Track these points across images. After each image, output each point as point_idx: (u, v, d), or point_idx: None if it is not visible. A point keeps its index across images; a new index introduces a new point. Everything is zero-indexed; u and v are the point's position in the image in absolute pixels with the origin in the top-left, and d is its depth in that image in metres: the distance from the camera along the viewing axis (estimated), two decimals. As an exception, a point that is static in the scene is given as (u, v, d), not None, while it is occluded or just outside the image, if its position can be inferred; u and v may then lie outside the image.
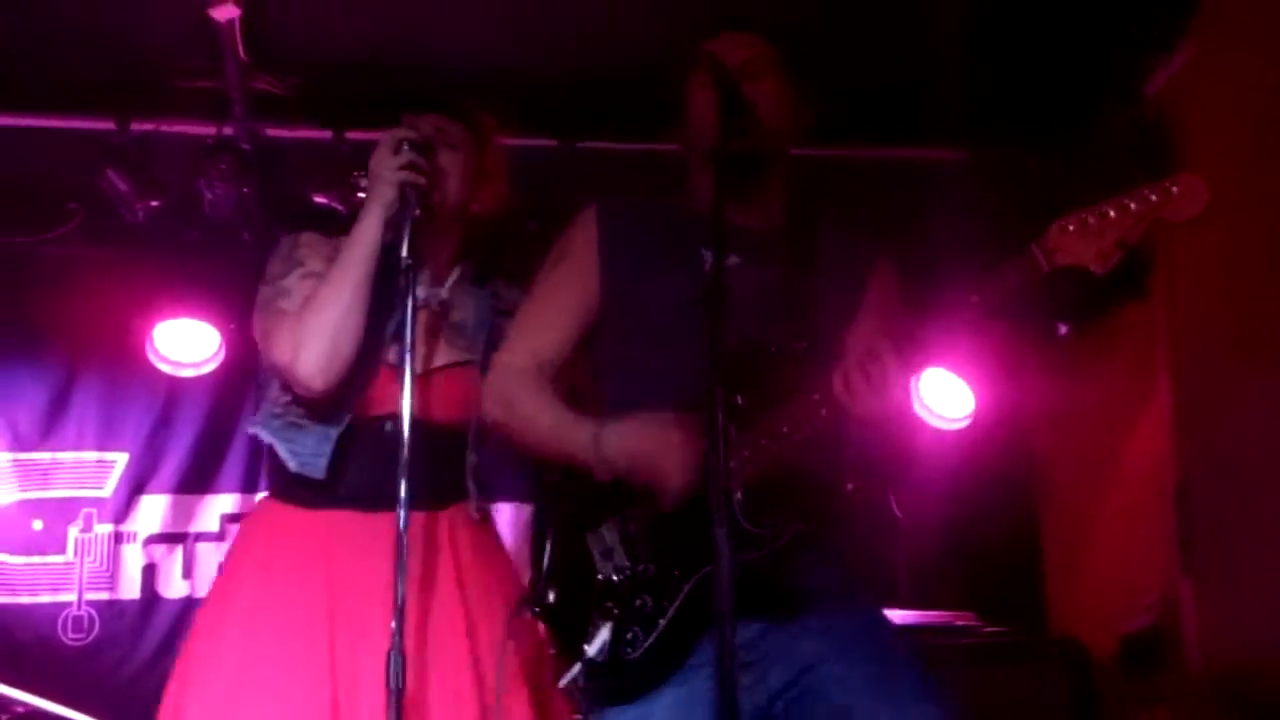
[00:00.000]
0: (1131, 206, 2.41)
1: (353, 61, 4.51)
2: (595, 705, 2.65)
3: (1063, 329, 5.17)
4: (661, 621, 2.58)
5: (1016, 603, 5.43)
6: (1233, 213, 3.52)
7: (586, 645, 2.57)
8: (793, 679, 2.63)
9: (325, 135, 4.73)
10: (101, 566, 5.50)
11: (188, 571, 5.54)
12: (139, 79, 4.62)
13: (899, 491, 5.15)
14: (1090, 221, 2.42)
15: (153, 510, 5.58)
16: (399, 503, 2.62)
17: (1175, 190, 2.39)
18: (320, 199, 4.82)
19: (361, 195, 3.00)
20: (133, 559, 5.53)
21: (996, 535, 5.63)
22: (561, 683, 2.61)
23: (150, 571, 5.53)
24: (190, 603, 5.38)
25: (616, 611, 2.59)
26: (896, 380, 2.48)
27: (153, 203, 4.88)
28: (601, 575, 2.63)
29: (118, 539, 5.54)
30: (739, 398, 2.56)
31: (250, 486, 5.55)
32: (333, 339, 2.84)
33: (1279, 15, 3.97)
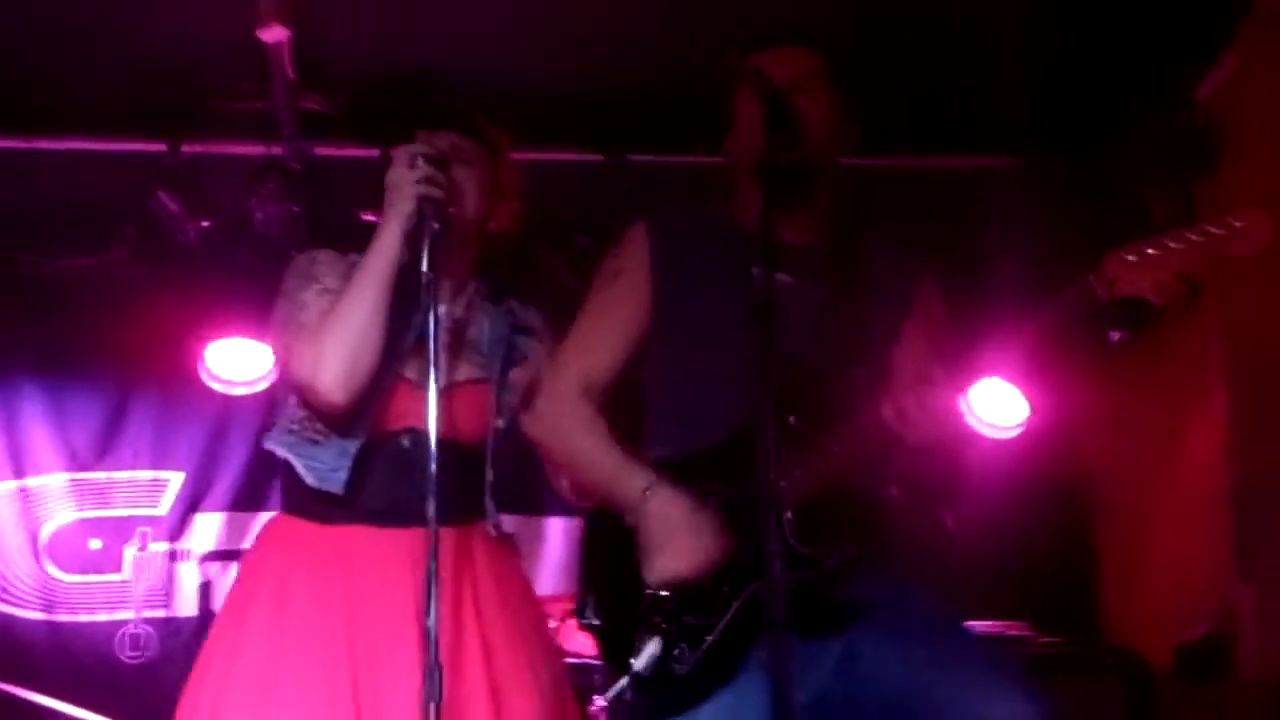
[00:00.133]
0: (1193, 239, 2.36)
1: (400, 80, 4.53)
2: (642, 719, 2.66)
3: (1115, 336, 5.12)
4: (709, 638, 2.59)
5: (1070, 612, 5.40)
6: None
7: (633, 659, 2.58)
8: (845, 668, 2.61)
9: (373, 153, 4.73)
10: (157, 584, 5.55)
11: (242, 588, 5.57)
12: (189, 101, 4.67)
13: (951, 504, 5.12)
14: (1150, 253, 2.37)
15: (207, 528, 5.63)
16: (428, 518, 2.58)
17: (1238, 225, 2.34)
18: (369, 216, 4.83)
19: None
20: (188, 577, 5.58)
21: (1050, 544, 5.60)
22: (608, 695, 2.62)
23: (206, 589, 5.57)
24: (245, 620, 5.41)
25: (665, 626, 2.60)
26: (948, 404, 2.48)
27: (204, 223, 4.93)
28: (650, 590, 2.63)
29: (173, 557, 5.59)
30: (791, 417, 2.56)
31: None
32: (353, 353, 2.82)
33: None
